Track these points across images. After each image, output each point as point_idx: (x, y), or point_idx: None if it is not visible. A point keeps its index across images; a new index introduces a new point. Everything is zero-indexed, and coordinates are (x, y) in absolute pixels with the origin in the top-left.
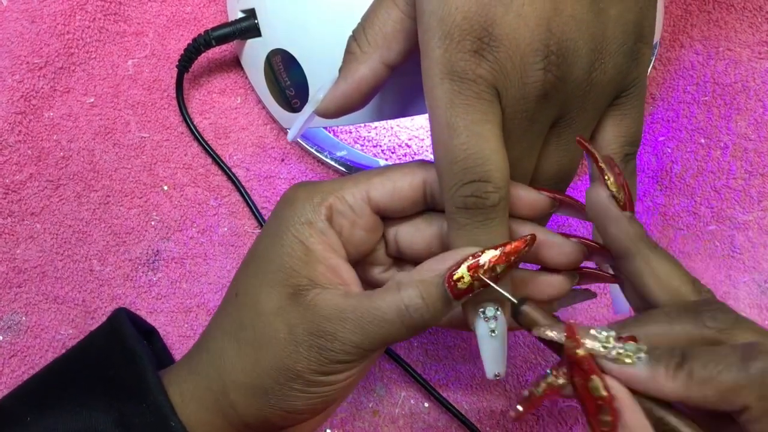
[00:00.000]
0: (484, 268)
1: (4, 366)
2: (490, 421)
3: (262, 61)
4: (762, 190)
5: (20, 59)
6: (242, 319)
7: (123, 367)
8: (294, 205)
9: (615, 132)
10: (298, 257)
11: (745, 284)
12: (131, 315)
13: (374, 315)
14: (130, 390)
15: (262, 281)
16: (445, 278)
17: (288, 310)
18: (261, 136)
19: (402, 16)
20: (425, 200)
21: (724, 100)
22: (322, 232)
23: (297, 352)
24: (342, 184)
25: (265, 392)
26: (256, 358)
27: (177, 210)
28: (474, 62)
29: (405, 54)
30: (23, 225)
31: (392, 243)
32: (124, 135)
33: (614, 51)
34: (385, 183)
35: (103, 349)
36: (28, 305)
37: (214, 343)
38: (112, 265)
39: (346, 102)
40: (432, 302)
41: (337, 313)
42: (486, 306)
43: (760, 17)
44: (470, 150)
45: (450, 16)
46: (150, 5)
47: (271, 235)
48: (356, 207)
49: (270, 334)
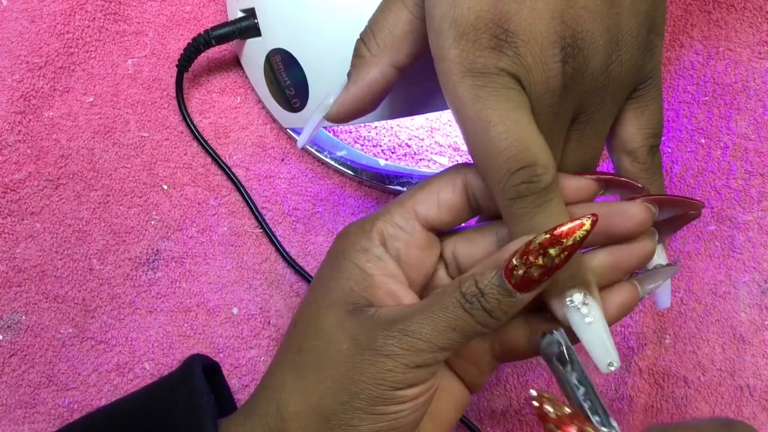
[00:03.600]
0: (533, 252)
1: (4, 365)
2: (490, 421)
3: (261, 60)
4: (762, 190)
5: (20, 59)
6: (301, 345)
7: (184, 419)
8: (348, 237)
9: (637, 125)
10: (356, 281)
11: (745, 284)
12: (206, 360)
13: (437, 304)
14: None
15: (320, 305)
16: (503, 268)
17: (348, 325)
18: (261, 136)
19: (411, 18)
20: (470, 205)
21: (724, 100)
22: (378, 258)
23: (361, 363)
24: (388, 208)
25: (326, 418)
26: (317, 378)
27: (177, 209)
28: (494, 57)
29: (414, 56)
30: (23, 224)
31: (452, 262)
32: (124, 134)
33: (630, 42)
34: (428, 196)
35: (172, 399)
36: (27, 304)
37: (274, 378)
38: (111, 264)
39: (357, 107)
40: (489, 290)
41: (402, 314)
42: (572, 293)
43: (760, 17)
44: (511, 138)
45: (463, 16)
46: (150, 5)
47: (329, 266)
48: (406, 227)
49: (331, 349)
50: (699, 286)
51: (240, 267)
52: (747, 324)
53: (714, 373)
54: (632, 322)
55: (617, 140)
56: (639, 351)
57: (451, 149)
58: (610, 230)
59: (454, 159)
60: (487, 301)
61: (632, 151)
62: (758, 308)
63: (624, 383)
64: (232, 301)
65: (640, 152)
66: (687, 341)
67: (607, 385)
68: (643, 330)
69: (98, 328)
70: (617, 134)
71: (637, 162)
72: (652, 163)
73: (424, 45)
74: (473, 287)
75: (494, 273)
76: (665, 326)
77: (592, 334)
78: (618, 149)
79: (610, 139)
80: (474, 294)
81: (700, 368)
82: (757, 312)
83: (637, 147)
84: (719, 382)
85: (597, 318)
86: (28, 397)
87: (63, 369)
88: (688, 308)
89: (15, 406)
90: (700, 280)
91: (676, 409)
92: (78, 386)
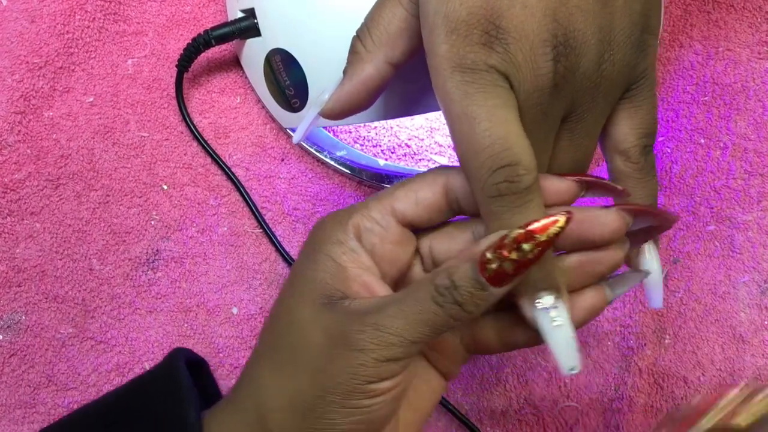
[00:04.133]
0: (507, 246)
1: (4, 365)
2: (490, 421)
3: (261, 60)
4: (762, 190)
5: (20, 59)
6: (277, 340)
7: (168, 411)
8: (324, 229)
9: (630, 125)
10: (330, 273)
11: (745, 284)
12: (189, 354)
13: (410, 297)
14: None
15: (296, 299)
16: (477, 262)
17: (322, 318)
18: (261, 136)
19: (407, 15)
20: (450, 206)
21: (724, 100)
22: (353, 251)
23: (334, 357)
24: (367, 203)
25: (302, 412)
26: (293, 372)
27: (177, 209)
28: (484, 53)
29: (409, 53)
30: (23, 224)
31: (428, 257)
32: (124, 134)
33: (622, 42)
34: (407, 194)
35: (156, 392)
36: (27, 304)
37: (252, 371)
38: (111, 264)
39: (352, 102)
40: (463, 283)
41: (375, 307)
42: (541, 295)
43: (759, 17)
44: (494, 135)
45: (455, 12)
46: (149, 5)
47: (305, 258)
48: (382, 222)
49: (305, 343)
50: (698, 286)
51: (240, 267)
52: (746, 324)
53: (714, 373)
54: (632, 322)
55: (610, 140)
56: (639, 351)
57: (451, 149)
58: (583, 235)
59: (454, 159)
60: (460, 294)
61: (625, 150)
62: (758, 308)
63: (624, 383)
64: (231, 301)
65: (633, 152)
66: (687, 341)
67: (607, 385)
68: (643, 330)
69: (98, 328)
70: (610, 134)
71: (630, 162)
72: (645, 162)
73: (420, 42)
74: (446, 280)
75: (468, 266)
76: (665, 326)
77: (558, 337)
78: (611, 149)
79: (602, 139)
80: (447, 287)
81: (699, 368)
82: (756, 312)
83: (630, 147)
84: (719, 382)
85: (564, 322)
86: (28, 397)
87: (63, 369)
88: (688, 308)
89: (15, 406)
90: (699, 280)
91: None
92: (78, 386)
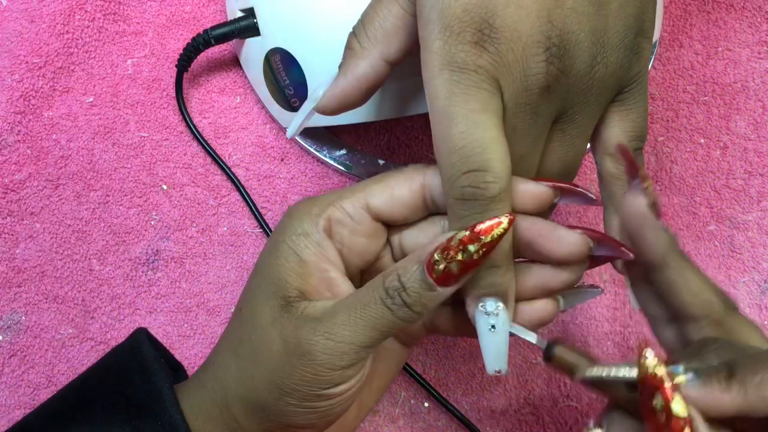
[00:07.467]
0: (453, 248)
1: (4, 366)
2: (490, 421)
3: (261, 60)
4: (761, 190)
5: (19, 59)
6: (241, 334)
7: (141, 385)
8: (292, 217)
9: (621, 127)
10: (291, 268)
11: (744, 284)
12: (150, 336)
13: (360, 302)
14: (147, 408)
15: (258, 294)
16: (425, 263)
17: (282, 322)
18: (260, 136)
19: (402, 12)
20: (426, 205)
21: (724, 100)
22: (318, 244)
23: (290, 365)
24: (341, 194)
25: (262, 407)
26: (252, 373)
27: (176, 209)
28: (475, 53)
29: (405, 50)
30: (22, 224)
31: (397, 248)
32: (124, 134)
33: (616, 45)
34: (383, 190)
35: (123, 367)
36: (27, 305)
37: (219, 356)
38: (111, 264)
39: (346, 98)
40: (411, 285)
41: (328, 313)
42: (486, 300)
43: (759, 17)
44: (468, 138)
45: (450, 8)
46: (149, 5)
47: (270, 247)
48: (355, 215)
49: (265, 347)
50: None
51: (240, 267)
52: None
53: None
54: (632, 322)
55: (600, 142)
56: None
57: None
58: (544, 250)
59: None
60: (409, 295)
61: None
62: (758, 308)
63: None
64: (232, 301)
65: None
66: None
67: None
68: (643, 330)
69: (98, 329)
70: (601, 136)
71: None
72: None
73: (415, 39)
74: (396, 282)
75: (417, 267)
76: None
77: (491, 341)
78: (601, 151)
79: (593, 140)
80: (396, 288)
81: None
82: (756, 312)
83: None
84: None
85: (500, 328)
86: (28, 398)
87: (63, 369)
88: None
89: (14, 407)
90: None
91: None
92: None
